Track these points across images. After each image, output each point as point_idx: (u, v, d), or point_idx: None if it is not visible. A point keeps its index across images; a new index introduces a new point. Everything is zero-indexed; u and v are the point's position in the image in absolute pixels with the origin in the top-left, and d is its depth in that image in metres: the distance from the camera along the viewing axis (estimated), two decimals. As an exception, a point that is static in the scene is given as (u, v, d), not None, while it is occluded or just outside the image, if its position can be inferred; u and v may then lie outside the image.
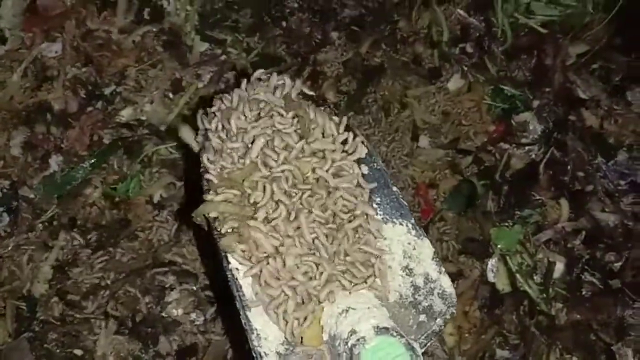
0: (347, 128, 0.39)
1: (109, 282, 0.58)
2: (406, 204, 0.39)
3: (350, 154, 0.39)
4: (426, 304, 0.36)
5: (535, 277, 0.61)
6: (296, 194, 0.37)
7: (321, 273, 0.35)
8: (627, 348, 0.59)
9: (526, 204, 0.63)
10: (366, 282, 0.36)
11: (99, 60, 0.70)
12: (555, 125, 0.68)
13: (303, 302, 0.35)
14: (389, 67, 0.70)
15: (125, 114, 0.68)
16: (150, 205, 0.63)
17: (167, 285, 0.58)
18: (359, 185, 0.38)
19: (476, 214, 0.63)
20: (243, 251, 0.36)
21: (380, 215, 0.38)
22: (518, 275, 0.60)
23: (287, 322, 0.35)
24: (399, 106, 0.70)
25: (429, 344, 0.37)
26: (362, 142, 0.39)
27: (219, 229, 0.36)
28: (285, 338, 0.35)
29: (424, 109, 0.70)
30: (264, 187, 0.36)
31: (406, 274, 0.37)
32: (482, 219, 0.63)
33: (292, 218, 0.36)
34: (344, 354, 0.33)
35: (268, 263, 0.36)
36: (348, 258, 0.36)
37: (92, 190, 0.64)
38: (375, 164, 0.39)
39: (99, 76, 0.70)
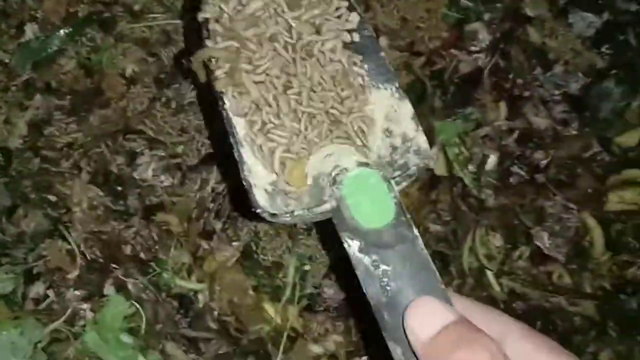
0: None
1: (81, 142, 0.63)
2: (392, 68, 0.40)
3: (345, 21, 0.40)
4: (402, 162, 0.38)
5: (470, 167, 0.68)
6: (292, 51, 0.38)
7: (311, 127, 0.37)
8: (544, 232, 0.68)
9: (469, 104, 0.71)
10: (353, 140, 0.38)
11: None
12: (502, 37, 0.75)
13: (290, 152, 0.37)
14: (356, -29, 0.75)
15: (100, -10, 0.71)
16: (123, 78, 0.67)
17: (137, 150, 0.63)
18: (350, 55, 0.39)
19: (424, 109, 0.70)
20: (238, 93, 0.38)
21: (367, 79, 0.39)
22: (455, 164, 0.68)
23: (273, 166, 0.37)
24: (364, 7, 0.75)
25: (403, 184, 0.38)
26: (355, 11, 0.41)
27: (215, 73, 0.38)
28: (272, 177, 0.37)
29: (385, 13, 0.75)
30: (260, 36, 0.38)
31: (386, 136, 0.38)
32: (429, 113, 0.70)
33: (285, 69, 0.38)
34: (327, 183, 0.36)
35: (257, 108, 0.38)
36: (340, 119, 0.38)
37: (67, 60, 0.68)
38: (366, 31, 0.41)
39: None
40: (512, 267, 0.66)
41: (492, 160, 0.70)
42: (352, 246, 0.34)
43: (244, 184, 0.37)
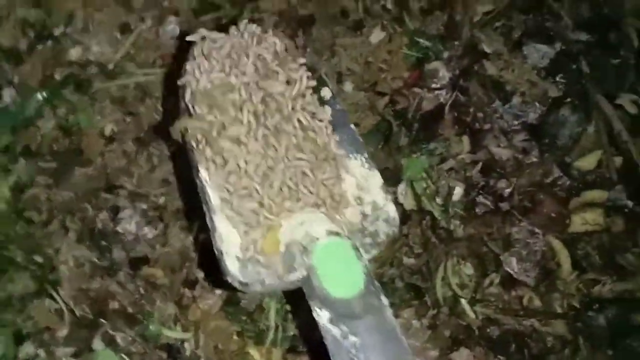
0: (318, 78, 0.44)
1: (65, 200, 0.66)
2: (361, 139, 0.44)
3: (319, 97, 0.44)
4: (372, 229, 0.40)
5: (437, 199, 0.72)
6: (267, 119, 0.41)
7: (284, 198, 0.39)
8: (512, 257, 0.72)
9: (433, 139, 0.75)
10: (325, 208, 0.40)
11: (48, 2, 0.76)
12: (461, 73, 0.79)
13: (263, 221, 0.39)
14: (319, 18, 0.79)
15: (75, 54, 0.75)
16: (102, 138, 0.70)
17: (119, 204, 0.66)
18: (326, 127, 0.42)
19: (391, 148, 0.74)
20: (211, 162, 0.41)
21: (339, 150, 0.42)
22: (423, 198, 0.72)
23: (246, 231, 0.39)
24: (330, 53, 0.79)
25: (372, 252, 0.41)
26: (328, 87, 0.45)
27: (191, 142, 0.42)
28: (244, 245, 0.39)
29: (350, 57, 0.80)
30: (236, 107, 0.41)
31: (357, 204, 0.41)
32: (395, 151, 0.74)
33: (260, 141, 0.40)
34: (298, 252, 0.38)
35: (233, 178, 0.40)
36: (311, 189, 0.40)
37: (45, 122, 0.71)
38: (337, 105, 0.44)
39: (48, 18, 0.76)
40: (485, 294, 0.70)
41: (458, 191, 0.74)
42: (322, 316, 0.35)
43: (216, 251, 0.39)
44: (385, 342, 0.34)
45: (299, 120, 0.42)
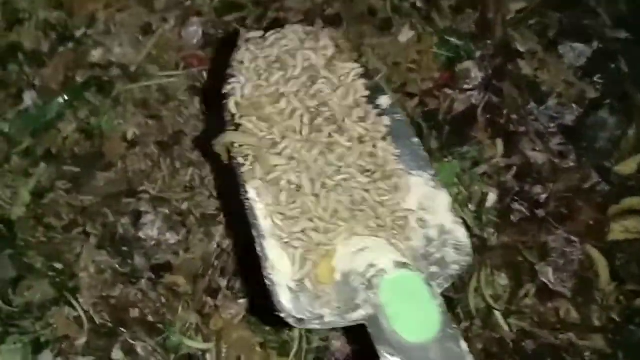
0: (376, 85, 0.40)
1: (86, 205, 0.64)
2: (426, 154, 0.39)
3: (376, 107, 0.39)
4: (438, 256, 0.35)
5: (470, 206, 0.69)
6: (320, 132, 0.36)
7: (340, 219, 0.34)
8: (548, 267, 0.69)
9: (465, 143, 0.72)
10: (385, 233, 0.35)
11: (70, 4, 0.75)
12: (494, 74, 0.76)
13: (318, 244, 0.34)
14: (346, 17, 0.77)
15: (97, 55, 0.74)
16: (124, 142, 0.69)
17: (141, 209, 0.65)
18: (385, 139, 0.38)
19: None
20: (261, 180, 0.36)
21: (400, 166, 0.37)
22: (455, 204, 0.68)
23: (298, 260, 0.34)
24: (357, 54, 0.76)
25: (444, 286, 0.35)
26: (386, 94, 0.40)
27: (237, 159, 0.37)
28: (296, 274, 0.34)
29: (377, 58, 0.77)
30: (287, 119, 0.37)
31: (419, 226, 0.36)
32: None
33: (314, 156, 0.35)
34: (361, 286, 0.33)
35: (284, 197, 0.36)
36: (369, 209, 0.35)
37: (66, 125, 0.70)
38: (397, 115, 0.40)
39: (70, 19, 0.75)
40: (519, 306, 0.67)
41: (492, 197, 0.71)
42: None
43: (266, 282, 0.34)
44: None
45: (354, 133, 0.38)
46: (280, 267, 0.34)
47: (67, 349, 0.60)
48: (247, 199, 0.37)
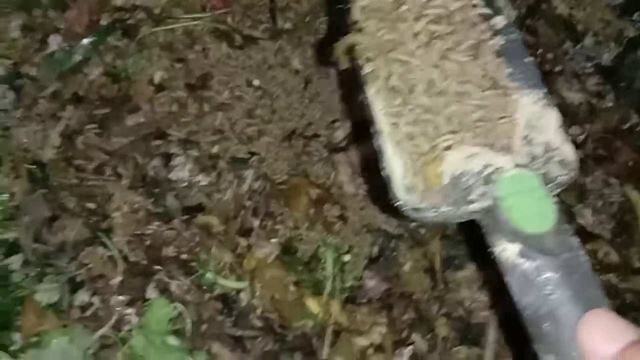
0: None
1: (116, 148, 0.64)
2: (539, 73, 0.39)
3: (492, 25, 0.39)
4: (541, 172, 0.35)
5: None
6: (438, 41, 0.37)
7: (451, 128, 0.36)
8: (586, 209, 0.68)
9: (499, 82, 0.70)
10: (491, 146, 0.36)
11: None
12: (528, 12, 0.75)
13: (427, 149, 0.36)
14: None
15: (120, -1, 0.73)
16: (152, 86, 0.69)
17: (171, 152, 0.65)
18: (499, 57, 0.38)
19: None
20: (380, 81, 0.38)
21: (512, 83, 0.38)
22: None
23: (409, 162, 0.36)
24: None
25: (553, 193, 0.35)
26: (502, 14, 0.40)
27: (359, 61, 0.39)
28: (408, 172, 0.36)
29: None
30: (409, 24, 0.38)
31: (524, 144, 0.36)
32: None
33: (432, 63, 0.37)
34: (477, 183, 0.34)
35: (401, 100, 0.37)
36: (479, 122, 0.36)
37: (92, 68, 0.70)
38: (512, 34, 0.40)
39: (93, -38, 0.74)
40: (556, 248, 0.66)
41: (527, 138, 0.70)
42: (509, 250, 0.32)
43: (383, 175, 0.37)
44: (582, 283, 0.31)
45: (470, 46, 0.38)
46: (396, 165, 0.36)
47: (103, 288, 0.60)
48: (367, 97, 0.38)
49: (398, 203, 0.36)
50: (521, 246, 0.32)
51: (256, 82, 0.70)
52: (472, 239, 0.64)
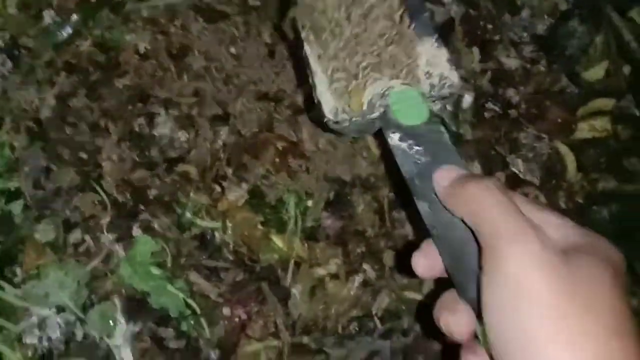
0: None
1: (106, 106, 0.75)
2: (431, 24, 0.52)
3: None
4: (437, 94, 0.50)
5: (447, 107, 0.79)
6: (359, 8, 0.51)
7: (368, 67, 0.49)
8: (518, 159, 0.79)
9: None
10: (400, 79, 0.50)
11: None
12: (471, -11, 0.85)
13: (354, 81, 0.49)
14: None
15: (107, -24, 0.83)
16: (137, 55, 0.79)
17: (155, 111, 0.75)
18: (404, 13, 0.51)
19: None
20: (313, 38, 0.52)
21: (415, 33, 0.51)
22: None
23: (337, 93, 0.50)
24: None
25: (438, 103, 0.52)
26: None
27: (298, 27, 0.52)
28: (336, 103, 0.50)
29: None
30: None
31: (426, 78, 0.51)
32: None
33: (353, 24, 0.50)
34: (377, 102, 0.49)
35: (330, 50, 0.50)
36: (392, 62, 0.50)
37: (82, 40, 0.80)
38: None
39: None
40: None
41: (467, 99, 0.81)
42: (394, 138, 0.46)
43: (316, 101, 0.50)
44: (443, 152, 0.45)
45: (386, 7, 0.51)
46: (326, 96, 0.50)
47: (94, 228, 0.71)
48: (304, 53, 0.52)
49: (325, 120, 0.50)
50: (401, 133, 0.47)
51: (232, 51, 0.81)
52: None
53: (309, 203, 0.74)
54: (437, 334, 0.45)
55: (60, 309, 0.68)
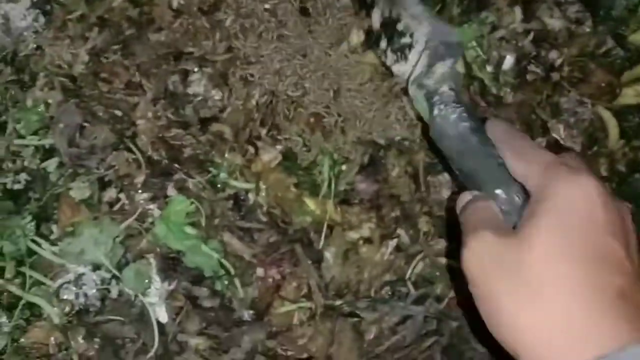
0: None
1: (139, 63, 0.74)
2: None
3: None
4: None
5: (487, 67, 0.77)
6: None
7: None
8: (560, 125, 0.78)
9: (485, 8, 0.79)
10: None
11: None
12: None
13: None
14: None
15: None
16: (171, 10, 0.78)
17: (189, 69, 0.75)
18: None
19: (444, 18, 0.79)
20: None
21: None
22: (473, 65, 0.77)
23: None
24: None
25: None
26: None
27: None
28: None
29: None
30: None
31: None
32: (448, 21, 0.79)
33: None
34: None
35: None
36: None
37: (115, -5, 0.79)
38: None
39: None
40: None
41: (509, 60, 0.79)
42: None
43: None
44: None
45: None
46: None
47: (129, 186, 0.71)
48: None
49: None
50: None
51: (266, 6, 0.79)
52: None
53: (343, 167, 0.74)
54: (471, 301, 0.45)
55: (96, 267, 0.69)
